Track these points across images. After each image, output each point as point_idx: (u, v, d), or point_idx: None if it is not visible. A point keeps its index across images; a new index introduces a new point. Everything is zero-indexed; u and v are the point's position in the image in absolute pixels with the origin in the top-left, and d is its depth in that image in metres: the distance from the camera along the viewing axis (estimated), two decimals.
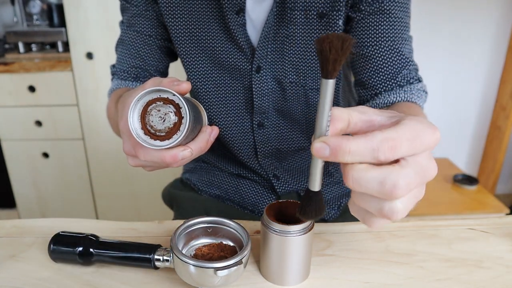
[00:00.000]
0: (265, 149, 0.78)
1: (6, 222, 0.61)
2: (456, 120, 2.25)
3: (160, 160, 0.45)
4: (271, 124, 0.77)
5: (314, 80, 0.74)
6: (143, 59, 0.79)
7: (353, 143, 0.34)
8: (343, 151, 0.35)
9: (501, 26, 2.09)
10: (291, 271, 0.48)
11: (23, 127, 1.87)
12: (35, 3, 1.91)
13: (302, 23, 0.68)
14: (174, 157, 0.44)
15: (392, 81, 0.69)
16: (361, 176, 0.35)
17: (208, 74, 0.75)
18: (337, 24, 0.68)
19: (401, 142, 0.34)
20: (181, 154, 0.45)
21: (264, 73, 0.72)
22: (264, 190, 0.83)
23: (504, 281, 0.51)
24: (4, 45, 1.96)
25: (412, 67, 0.70)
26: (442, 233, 0.60)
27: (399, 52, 0.68)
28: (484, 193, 1.84)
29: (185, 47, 0.73)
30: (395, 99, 0.67)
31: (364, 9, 0.67)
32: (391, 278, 0.51)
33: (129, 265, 0.49)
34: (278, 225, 0.45)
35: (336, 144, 0.35)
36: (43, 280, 0.49)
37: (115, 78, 0.81)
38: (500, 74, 2.16)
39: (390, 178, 0.34)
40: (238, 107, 0.76)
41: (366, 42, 0.69)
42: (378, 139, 0.34)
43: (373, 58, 0.69)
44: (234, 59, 0.72)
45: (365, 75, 0.71)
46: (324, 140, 0.36)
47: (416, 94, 0.68)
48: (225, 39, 0.71)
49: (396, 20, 0.68)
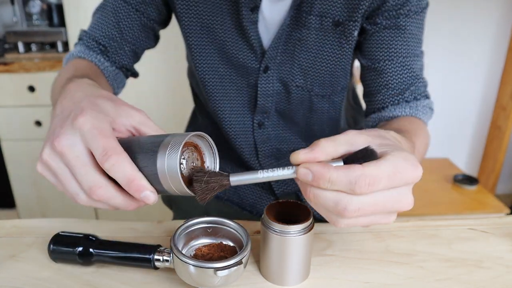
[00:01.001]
0: (265, 149, 0.78)
1: (6, 222, 0.61)
2: (456, 120, 2.25)
3: (126, 180, 0.39)
4: (271, 124, 0.77)
5: (321, 86, 0.74)
6: (121, 32, 0.72)
7: (334, 173, 0.37)
8: (323, 179, 0.37)
9: (501, 26, 2.09)
10: (291, 271, 0.48)
11: (23, 127, 1.87)
12: (35, 3, 1.91)
13: (316, 28, 0.68)
14: (140, 187, 0.39)
15: (400, 97, 0.69)
16: (320, 194, 0.38)
17: (215, 68, 0.74)
18: (352, 34, 0.68)
19: (380, 179, 0.37)
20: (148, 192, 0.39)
21: (271, 74, 0.72)
22: (263, 191, 0.83)
23: (504, 281, 0.51)
24: (4, 45, 1.96)
25: (420, 84, 0.70)
26: (442, 233, 0.60)
27: (410, 68, 0.69)
28: (484, 193, 1.84)
29: (195, 38, 0.72)
30: (400, 113, 0.68)
31: (380, 22, 0.67)
32: (391, 278, 0.51)
33: (129, 265, 0.49)
34: (278, 225, 0.45)
35: (318, 171, 0.37)
36: (43, 280, 0.49)
37: (80, 44, 0.73)
38: (500, 74, 2.16)
39: (342, 201, 0.38)
40: (241, 104, 0.76)
41: (379, 56, 0.69)
42: (357, 174, 0.37)
43: (383, 72, 0.69)
44: (243, 56, 0.71)
45: (374, 88, 0.72)
46: (309, 167, 0.38)
47: (421, 111, 0.69)
48: (237, 35, 0.70)
49: (410, 37, 0.68)
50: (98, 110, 0.42)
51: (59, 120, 0.42)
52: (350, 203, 0.37)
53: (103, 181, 0.39)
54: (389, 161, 0.38)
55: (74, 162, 0.39)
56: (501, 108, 2.15)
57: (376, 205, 0.38)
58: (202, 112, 0.88)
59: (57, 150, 0.40)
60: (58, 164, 0.40)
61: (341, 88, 0.77)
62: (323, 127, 0.80)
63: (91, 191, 0.39)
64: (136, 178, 0.39)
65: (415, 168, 0.38)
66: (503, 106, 2.13)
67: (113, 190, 0.40)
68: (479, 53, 2.13)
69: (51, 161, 0.41)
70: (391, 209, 0.39)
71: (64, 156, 0.39)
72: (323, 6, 0.66)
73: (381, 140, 0.41)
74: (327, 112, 0.78)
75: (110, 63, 0.74)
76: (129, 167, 0.39)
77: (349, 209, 0.37)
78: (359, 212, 0.38)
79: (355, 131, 0.42)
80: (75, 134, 0.40)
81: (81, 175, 0.39)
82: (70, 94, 0.46)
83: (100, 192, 0.39)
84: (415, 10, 0.68)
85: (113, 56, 0.74)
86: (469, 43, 2.10)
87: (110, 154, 0.38)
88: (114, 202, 0.40)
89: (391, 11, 0.67)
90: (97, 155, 0.39)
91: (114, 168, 0.38)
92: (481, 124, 2.28)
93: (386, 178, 0.37)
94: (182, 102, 1.89)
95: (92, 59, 0.71)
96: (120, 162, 0.38)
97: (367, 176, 0.36)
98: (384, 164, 0.37)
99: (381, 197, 0.38)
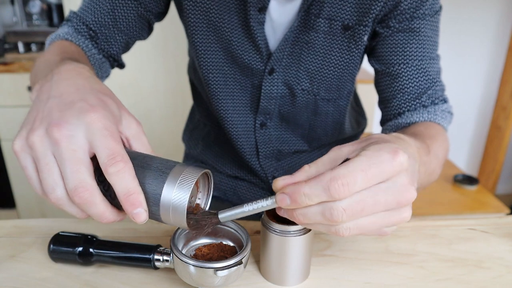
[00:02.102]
0: (266, 150, 0.78)
1: (6, 222, 0.61)
2: (456, 120, 2.24)
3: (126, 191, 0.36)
4: (274, 125, 0.77)
5: (328, 90, 0.73)
6: (115, 20, 0.69)
7: (306, 187, 0.37)
8: (299, 195, 0.37)
9: (501, 26, 2.09)
10: (291, 271, 0.48)
11: None
12: (35, 3, 1.91)
13: (325, 31, 0.67)
14: (137, 202, 0.37)
15: (417, 101, 0.67)
16: (306, 212, 0.38)
17: (220, 67, 0.72)
18: (361, 39, 0.67)
19: (354, 177, 0.35)
20: (141, 210, 0.37)
21: (276, 76, 0.71)
22: (263, 191, 0.83)
23: (504, 281, 0.51)
24: (4, 45, 1.96)
25: (438, 87, 0.68)
26: (442, 233, 0.60)
27: (426, 72, 0.67)
28: (484, 193, 1.84)
29: (201, 35, 0.70)
30: (418, 119, 0.66)
31: (393, 25, 0.66)
32: (391, 278, 0.51)
33: (129, 265, 0.49)
34: (278, 225, 0.45)
35: (291, 191, 0.37)
36: (43, 280, 0.49)
37: (69, 26, 0.69)
38: (500, 74, 2.16)
39: (327, 208, 0.37)
40: (244, 104, 0.75)
41: (393, 60, 0.67)
42: (327, 179, 0.36)
43: (399, 77, 0.68)
44: (248, 57, 0.70)
45: (390, 93, 0.70)
46: (283, 191, 0.38)
47: (440, 115, 0.67)
48: (243, 35, 0.69)
49: (425, 39, 0.66)
50: (108, 110, 0.39)
51: (57, 103, 0.39)
52: (333, 207, 0.36)
53: (93, 184, 0.37)
54: (361, 156, 0.37)
55: (68, 156, 0.36)
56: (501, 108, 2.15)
57: (365, 203, 0.37)
58: (200, 110, 0.87)
59: (53, 136, 0.36)
60: (46, 151, 0.37)
61: (347, 92, 0.76)
62: (326, 130, 0.80)
63: (75, 191, 0.36)
64: (136, 192, 0.37)
65: (392, 156, 0.36)
66: (503, 106, 2.13)
67: (99, 196, 0.37)
68: (479, 52, 2.13)
69: (39, 145, 0.37)
70: (390, 204, 0.37)
71: (59, 146, 0.36)
72: (332, 9, 0.65)
73: (365, 143, 0.40)
74: (331, 116, 0.78)
75: (98, 50, 0.71)
76: (132, 178, 0.37)
77: (335, 213, 0.36)
78: (346, 212, 0.36)
79: (339, 146, 0.41)
80: (79, 127, 0.37)
81: (71, 172, 0.36)
82: (71, 78, 0.42)
83: (85, 194, 0.36)
84: (429, 13, 0.66)
85: (103, 44, 0.70)
86: (469, 43, 2.10)
87: (118, 159, 0.36)
88: (93, 210, 0.38)
89: (404, 14, 0.65)
90: (102, 157, 0.36)
91: (119, 175, 0.36)
92: (481, 124, 2.28)
93: (360, 174, 0.36)
94: (182, 100, 1.89)
95: (80, 44, 0.67)
96: (126, 170, 0.36)
97: (337, 177, 0.35)
98: (355, 161, 0.36)
99: (367, 193, 0.36)
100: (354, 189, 0.36)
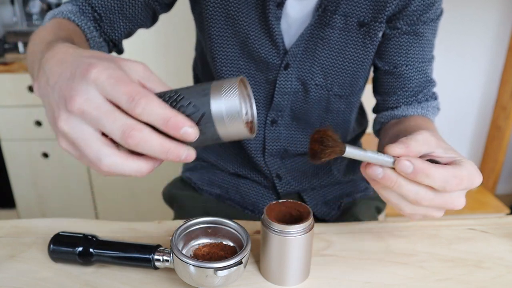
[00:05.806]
0: (273, 147, 0.78)
1: (6, 222, 0.61)
2: (456, 120, 2.25)
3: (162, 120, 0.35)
4: (284, 123, 0.77)
5: (341, 86, 0.74)
6: (122, 6, 0.68)
7: (435, 171, 0.43)
8: (425, 174, 0.43)
9: (501, 26, 2.09)
10: (291, 271, 0.48)
11: (23, 127, 1.87)
12: (35, 3, 1.91)
13: (340, 28, 0.68)
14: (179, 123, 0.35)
15: (413, 98, 0.73)
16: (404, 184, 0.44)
17: (235, 61, 0.73)
18: (376, 35, 0.70)
19: (464, 181, 0.44)
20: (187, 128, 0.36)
21: (290, 72, 0.71)
22: (265, 190, 0.83)
23: (504, 281, 0.51)
24: (4, 45, 1.96)
25: (431, 86, 0.74)
26: (442, 233, 0.60)
27: (425, 73, 0.73)
28: (484, 193, 1.84)
29: (217, 28, 0.70)
30: (412, 113, 0.73)
31: (400, 27, 0.69)
32: (391, 278, 0.51)
33: (129, 265, 0.49)
34: (278, 225, 0.45)
35: (420, 166, 0.43)
36: (43, 280, 0.49)
37: (73, 4, 0.67)
38: (500, 74, 2.16)
39: (420, 194, 0.45)
40: (257, 100, 0.75)
41: (398, 61, 0.72)
42: (451, 174, 0.43)
43: (401, 77, 0.72)
44: (265, 52, 0.70)
45: (390, 89, 0.75)
46: (411, 160, 0.43)
47: (431, 111, 0.73)
48: (260, 30, 0.69)
49: (426, 43, 0.71)
50: (107, 61, 0.37)
51: (60, 85, 0.37)
52: (425, 198, 0.44)
53: (135, 122, 0.35)
54: (467, 167, 0.45)
55: (97, 114, 0.35)
56: (501, 108, 2.15)
57: (445, 201, 0.45)
58: None
59: (75, 110, 0.35)
60: (77, 127, 0.36)
61: (359, 89, 0.77)
62: (336, 130, 0.79)
63: (124, 134, 0.35)
64: (173, 115, 0.35)
65: (480, 176, 0.46)
66: (503, 106, 2.13)
67: (148, 130, 0.36)
68: (479, 53, 2.13)
69: (69, 127, 0.36)
70: (449, 206, 0.46)
71: (84, 112, 0.35)
72: (348, 6, 0.67)
73: (445, 145, 0.49)
74: (342, 114, 0.78)
75: (99, 33, 0.70)
76: (162, 105, 0.35)
77: (423, 203, 0.45)
78: (429, 203, 0.45)
79: (427, 133, 0.47)
80: (89, 88, 0.35)
81: (110, 123, 0.35)
82: (61, 59, 0.41)
83: (135, 132, 0.35)
84: (433, 17, 0.70)
85: (106, 28, 0.69)
86: (469, 43, 2.10)
87: (138, 98, 0.35)
88: (151, 144, 0.36)
89: (412, 16, 0.68)
90: (123, 103, 0.35)
91: (146, 110, 0.35)
92: (481, 124, 2.28)
93: (467, 181, 0.44)
94: None
95: (82, 25, 0.65)
96: (151, 102, 0.35)
97: (457, 177, 0.43)
98: (466, 168, 0.45)
99: (453, 195, 0.45)
100: (458, 189, 0.45)
